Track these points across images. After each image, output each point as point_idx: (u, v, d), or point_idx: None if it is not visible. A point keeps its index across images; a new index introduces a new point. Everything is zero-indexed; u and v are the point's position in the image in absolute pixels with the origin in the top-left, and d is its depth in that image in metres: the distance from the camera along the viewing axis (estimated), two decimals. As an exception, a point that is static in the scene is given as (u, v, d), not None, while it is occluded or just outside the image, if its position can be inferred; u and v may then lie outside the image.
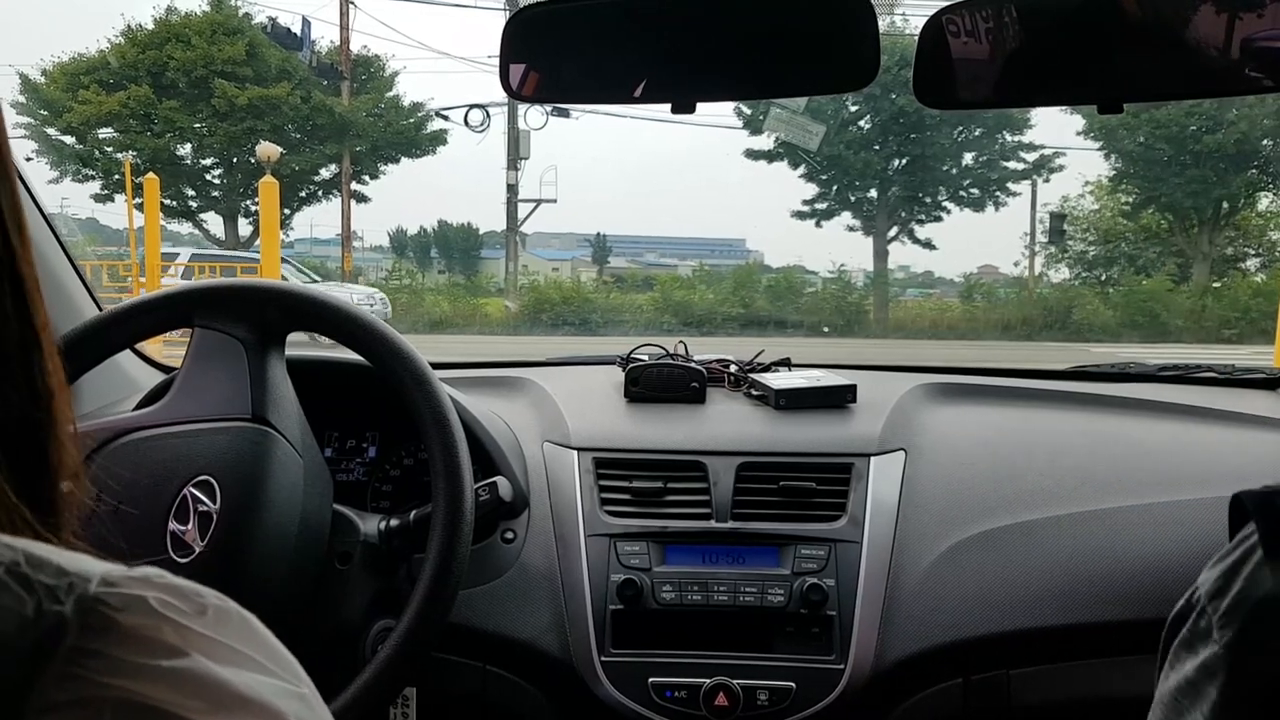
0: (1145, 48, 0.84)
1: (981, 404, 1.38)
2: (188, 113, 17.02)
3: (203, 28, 17.07)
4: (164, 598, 0.32)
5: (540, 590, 1.09)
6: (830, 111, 16.65)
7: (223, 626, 0.33)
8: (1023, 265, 20.92)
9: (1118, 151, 17.86)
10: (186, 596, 0.33)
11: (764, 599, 1.07)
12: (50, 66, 17.07)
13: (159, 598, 0.32)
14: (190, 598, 0.33)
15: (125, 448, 0.92)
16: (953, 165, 18.61)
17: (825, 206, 19.13)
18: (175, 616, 0.31)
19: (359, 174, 18.82)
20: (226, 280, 1.00)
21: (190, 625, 0.31)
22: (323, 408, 1.04)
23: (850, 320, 16.50)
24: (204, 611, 0.33)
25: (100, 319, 1.02)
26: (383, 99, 18.77)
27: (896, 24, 14.61)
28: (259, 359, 0.95)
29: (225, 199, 18.51)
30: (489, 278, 22.79)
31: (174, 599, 0.32)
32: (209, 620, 0.32)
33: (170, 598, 0.32)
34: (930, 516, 1.13)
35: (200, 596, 0.33)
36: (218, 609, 0.33)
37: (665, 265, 29.77)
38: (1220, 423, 1.32)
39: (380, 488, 1.25)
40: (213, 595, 0.34)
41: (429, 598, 0.88)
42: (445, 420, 0.93)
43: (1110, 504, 1.14)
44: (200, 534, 0.86)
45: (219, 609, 0.33)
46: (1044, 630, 1.05)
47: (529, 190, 18.43)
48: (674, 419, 1.28)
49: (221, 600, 0.34)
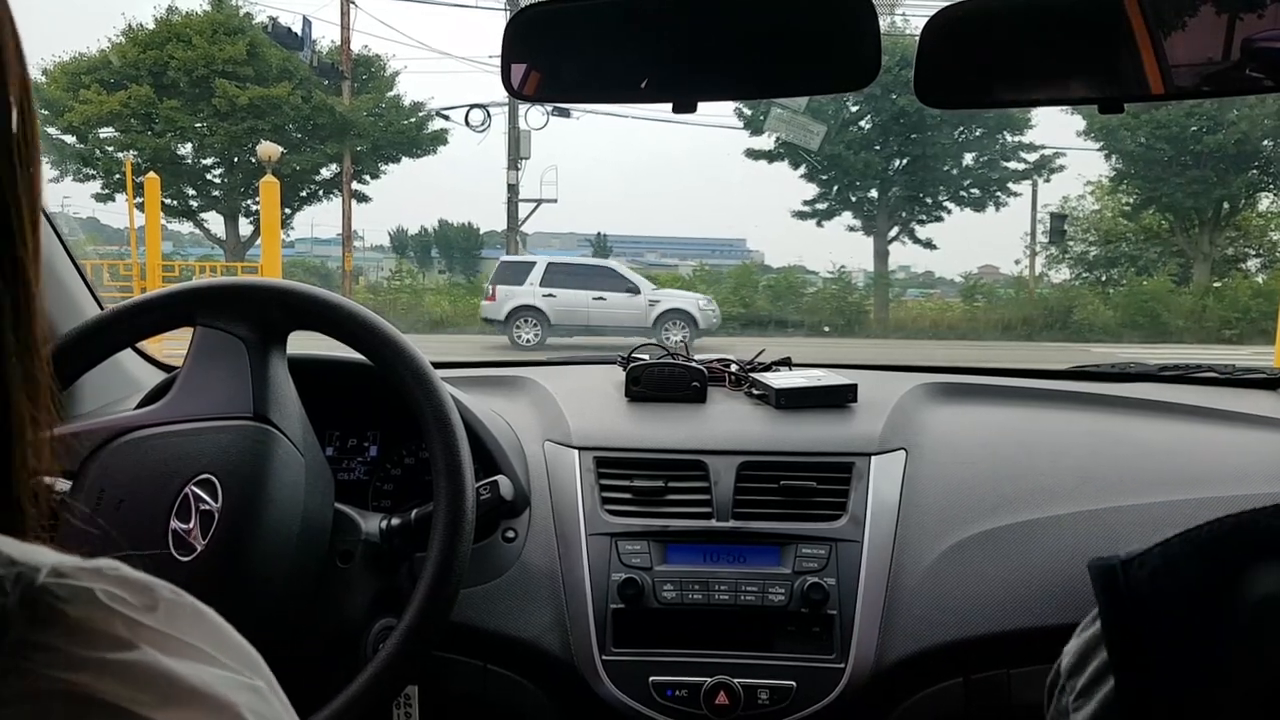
0: (1146, 47, 0.84)
1: (982, 404, 1.38)
2: (189, 112, 17.03)
3: (204, 27, 17.09)
4: (114, 590, 0.31)
5: (541, 589, 1.09)
6: (831, 111, 16.66)
7: (174, 619, 0.32)
8: (1023, 265, 20.94)
9: (1118, 152, 17.87)
10: (138, 589, 0.32)
11: (765, 598, 1.07)
12: (51, 66, 17.08)
13: (109, 590, 0.31)
14: (142, 590, 0.32)
15: (127, 446, 0.92)
16: (953, 165, 18.62)
17: (826, 206, 19.14)
18: (125, 610, 0.31)
19: (360, 174, 18.83)
20: (228, 279, 1.00)
21: (140, 619, 0.31)
22: (324, 407, 1.04)
23: (851, 320, 16.52)
24: (155, 605, 0.32)
25: (102, 318, 1.02)
26: (383, 99, 18.78)
27: (897, 24, 14.64)
28: (261, 358, 0.95)
29: (226, 199, 18.51)
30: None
31: (125, 592, 0.32)
32: (160, 614, 0.32)
33: (121, 590, 0.32)
34: (931, 516, 1.13)
35: (152, 589, 0.33)
36: (170, 602, 0.33)
37: (666, 265, 29.73)
38: (1221, 423, 1.32)
39: (382, 487, 1.25)
40: (165, 588, 0.33)
41: (430, 596, 0.88)
42: (446, 419, 0.93)
43: (1111, 503, 1.14)
44: (202, 532, 0.86)
45: (171, 602, 0.33)
46: (1045, 630, 1.05)
47: (530, 190, 18.43)
48: (675, 418, 1.28)
49: (175, 593, 0.34)
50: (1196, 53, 0.84)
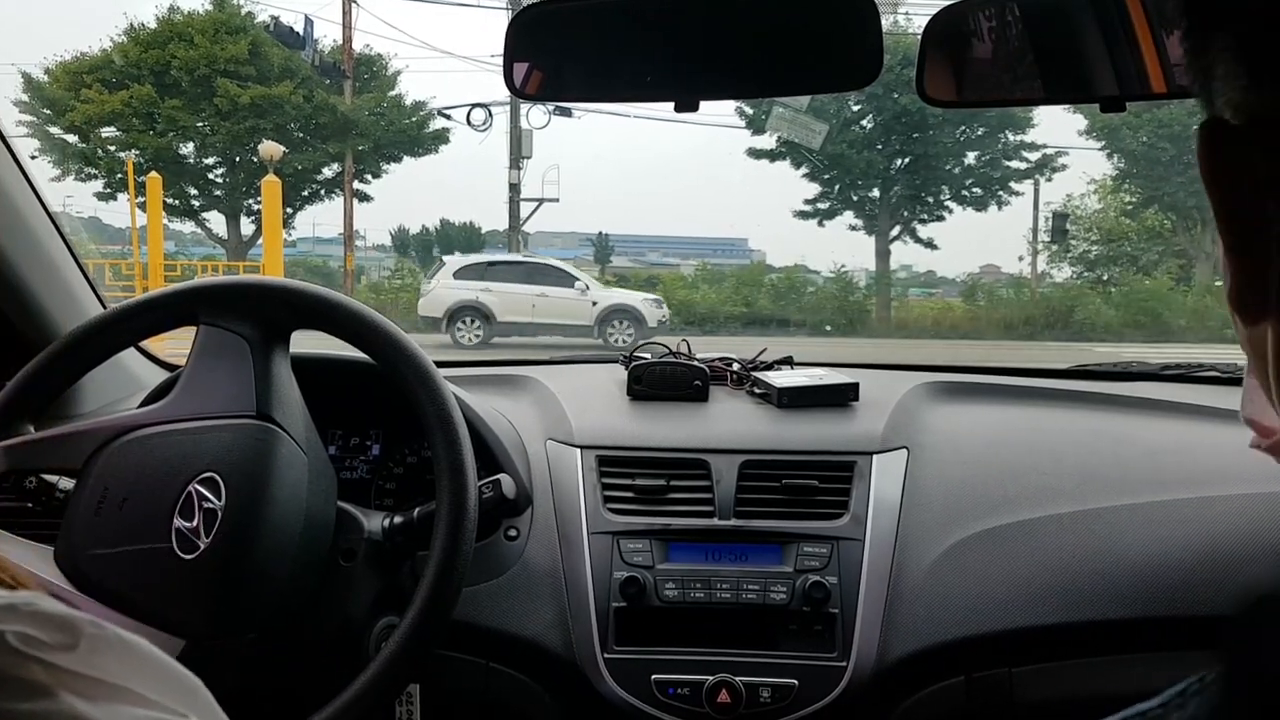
0: (1148, 46, 0.84)
1: (984, 403, 1.38)
2: (190, 111, 17.02)
3: (205, 27, 17.08)
4: (28, 632, 0.29)
5: (543, 587, 1.09)
6: (833, 111, 16.62)
7: (97, 657, 0.30)
8: (1025, 265, 20.92)
9: (1120, 151, 17.85)
10: (56, 626, 0.30)
11: (766, 596, 1.07)
12: (53, 65, 17.08)
13: (21, 632, 0.29)
14: (60, 628, 0.30)
15: (130, 445, 0.93)
16: (955, 164, 18.59)
17: (828, 206, 19.11)
18: (39, 653, 0.29)
19: (361, 173, 18.82)
20: (232, 278, 1.00)
21: (57, 661, 0.29)
22: (327, 405, 1.04)
23: (852, 319, 16.49)
24: (75, 643, 0.30)
25: (105, 317, 1.02)
26: (385, 98, 18.77)
27: (899, 23, 14.60)
28: (264, 356, 0.96)
29: (228, 198, 18.51)
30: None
31: (40, 632, 0.29)
32: (81, 652, 0.30)
33: (36, 631, 0.29)
34: (932, 515, 1.13)
35: (72, 625, 0.31)
36: (92, 638, 0.31)
37: (668, 264, 29.73)
38: (1223, 422, 1.32)
39: (384, 485, 1.25)
40: (88, 622, 0.31)
41: (433, 595, 0.88)
42: (449, 418, 0.93)
43: (1112, 502, 1.14)
44: (205, 531, 0.86)
45: (93, 637, 0.31)
46: (1046, 628, 1.05)
47: (531, 189, 18.41)
48: (677, 417, 1.29)
49: (97, 627, 0.31)
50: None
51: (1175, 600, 1.05)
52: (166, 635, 0.85)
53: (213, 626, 0.87)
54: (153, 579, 0.86)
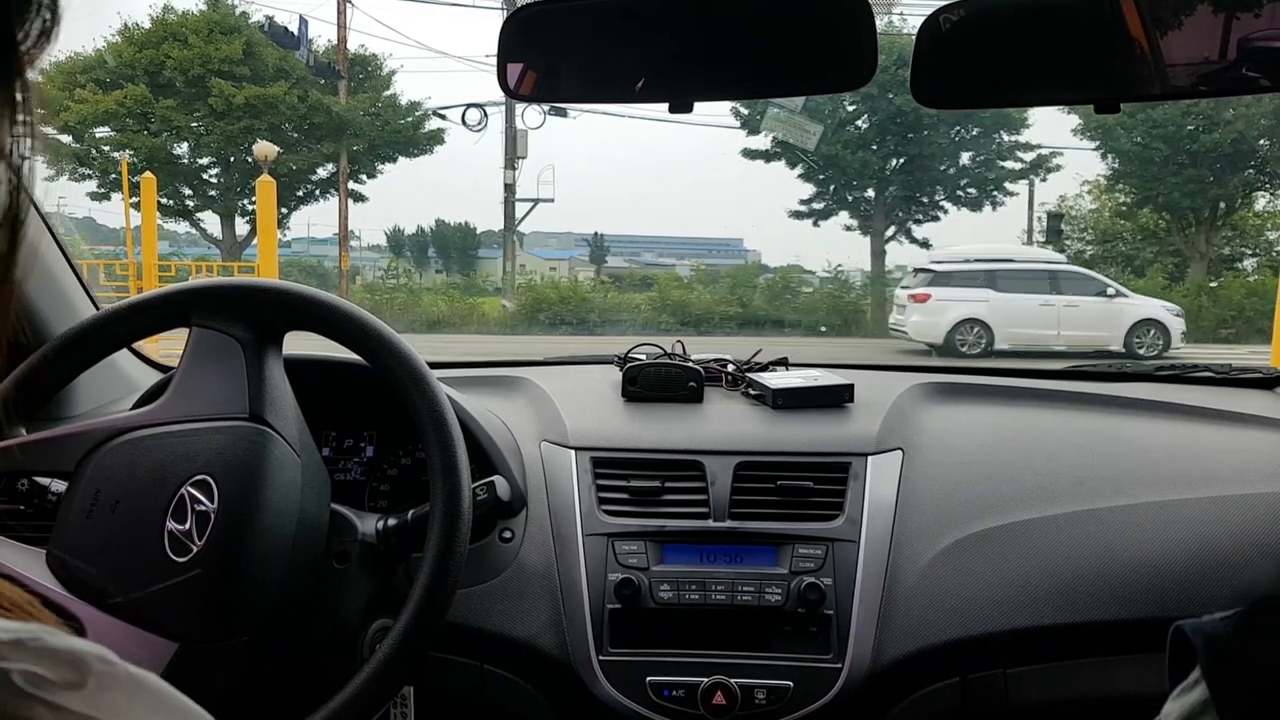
0: (1142, 47, 0.84)
1: (978, 403, 1.38)
2: (184, 112, 16.97)
3: (199, 27, 17.04)
4: (33, 670, 0.28)
5: (538, 589, 1.09)
6: (827, 111, 16.66)
7: (105, 696, 0.29)
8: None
9: (1115, 151, 17.88)
10: (63, 663, 0.29)
11: (761, 598, 1.07)
12: (47, 65, 16.97)
13: (27, 671, 0.28)
14: (68, 664, 0.29)
15: (122, 447, 0.92)
16: (950, 165, 18.62)
17: (823, 206, 19.12)
18: (45, 694, 0.27)
19: (356, 173, 18.80)
20: (224, 279, 1.00)
21: (64, 702, 0.28)
22: (320, 407, 1.03)
23: (847, 320, 16.51)
24: (83, 681, 0.29)
25: (98, 318, 1.02)
26: (380, 98, 18.74)
27: (894, 23, 14.63)
28: (256, 358, 0.95)
29: (222, 198, 18.46)
30: (486, 277, 22.78)
31: (46, 670, 0.28)
32: (89, 691, 0.28)
33: (42, 669, 0.28)
34: (927, 516, 1.13)
35: (81, 662, 0.29)
36: (101, 675, 0.29)
37: (663, 265, 29.71)
38: (1217, 422, 1.32)
39: (378, 487, 1.25)
40: (96, 658, 0.30)
41: (427, 597, 0.87)
42: (443, 420, 0.93)
43: (1106, 503, 1.14)
44: (198, 534, 0.86)
45: (102, 675, 0.29)
46: (1041, 629, 1.05)
47: (526, 189, 18.43)
48: (672, 418, 1.28)
49: (106, 664, 0.30)
50: (1193, 52, 0.84)
51: (1170, 601, 1.05)
52: (160, 638, 0.85)
53: (206, 629, 0.86)
54: (145, 582, 0.86)
